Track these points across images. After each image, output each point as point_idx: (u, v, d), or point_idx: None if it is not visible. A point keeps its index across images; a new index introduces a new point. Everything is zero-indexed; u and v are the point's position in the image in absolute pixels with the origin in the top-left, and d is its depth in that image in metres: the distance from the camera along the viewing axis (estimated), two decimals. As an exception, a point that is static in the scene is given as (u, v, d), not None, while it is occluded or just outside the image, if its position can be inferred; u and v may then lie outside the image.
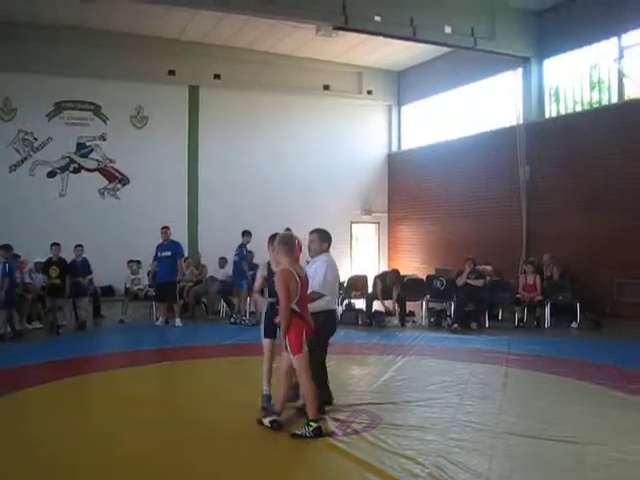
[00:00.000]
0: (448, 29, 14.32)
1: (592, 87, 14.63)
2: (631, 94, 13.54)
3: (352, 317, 12.59)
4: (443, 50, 17.36)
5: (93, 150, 17.20)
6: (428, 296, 13.15)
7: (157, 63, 17.16)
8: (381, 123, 20.78)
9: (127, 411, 6.40)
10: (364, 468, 4.78)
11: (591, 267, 13.32)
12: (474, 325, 11.99)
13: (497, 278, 13.71)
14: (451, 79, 18.12)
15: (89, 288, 12.98)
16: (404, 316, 12.63)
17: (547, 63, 15.61)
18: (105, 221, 16.61)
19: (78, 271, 12.67)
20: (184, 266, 13.41)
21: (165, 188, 17.42)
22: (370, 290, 13.40)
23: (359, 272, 15.39)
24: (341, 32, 14.27)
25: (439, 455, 5.01)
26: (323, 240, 6.30)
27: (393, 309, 12.78)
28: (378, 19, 13.57)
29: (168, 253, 12.44)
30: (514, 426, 5.79)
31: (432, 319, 12.68)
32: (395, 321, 12.64)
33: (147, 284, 13.34)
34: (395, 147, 20.76)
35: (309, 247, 6.36)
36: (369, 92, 20.05)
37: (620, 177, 13.13)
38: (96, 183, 17.19)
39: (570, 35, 14.56)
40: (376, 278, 13.21)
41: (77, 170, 17.06)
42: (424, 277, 14.34)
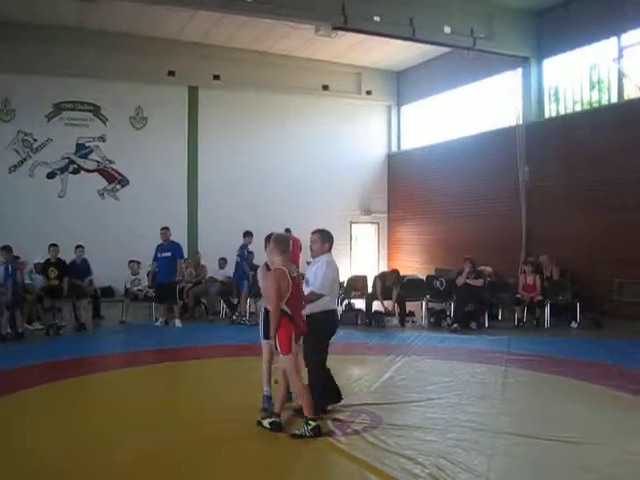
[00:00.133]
0: (447, 29, 14.31)
1: (592, 87, 14.62)
2: (631, 94, 13.54)
3: (352, 317, 12.60)
4: (442, 50, 17.32)
5: (92, 151, 17.18)
6: (428, 296, 13.16)
7: (156, 64, 17.14)
8: (380, 123, 20.77)
9: (127, 412, 6.40)
10: (364, 468, 4.79)
11: (591, 267, 13.31)
12: (474, 325, 12.00)
13: (496, 280, 13.71)
14: (450, 79, 18.10)
15: (89, 289, 12.96)
16: (404, 316, 12.64)
17: (547, 63, 15.59)
18: (105, 222, 16.58)
19: (78, 272, 12.67)
20: (184, 267, 13.43)
21: (165, 189, 17.41)
22: (370, 290, 13.41)
23: (359, 272, 15.39)
24: (340, 32, 14.26)
25: (439, 455, 5.02)
26: (325, 240, 6.30)
27: (393, 309, 12.79)
28: (377, 19, 13.57)
29: (168, 254, 12.46)
30: (514, 426, 5.80)
31: (432, 319, 12.69)
32: (395, 321, 12.66)
33: (147, 285, 13.34)
34: (395, 147, 20.75)
35: (311, 247, 6.35)
36: (368, 92, 20.02)
37: (620, 177, 13.11)
38: (96, 184, 17.18)
39: (569, 35, 14.55)
40: (376, 278, 13.21)
41: (77, 171, 17.05)
42: (424, 277, 14.31)
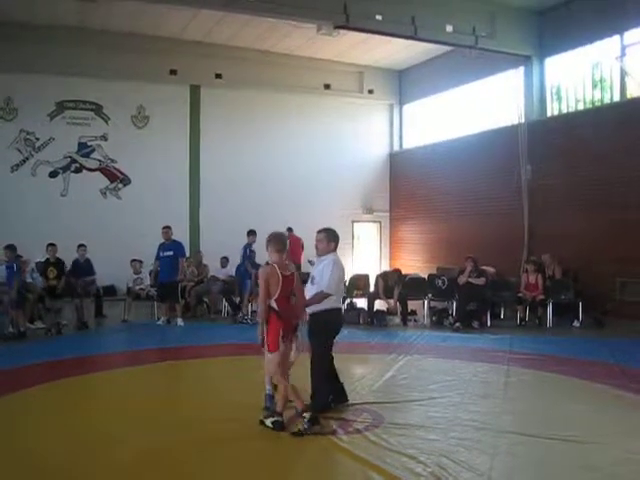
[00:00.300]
0: (449, 28, 14.31)
1: (594, 85, 14.59)
2: (633, 92, 13.51)
3: (354, 316, 12.58)
4: (444, 49, 17.32)
5: (95, 150, 17.20)
6: (430, 295, 13.15)
7: (158, 63, 17.14)
8: (382, 122, 20.76)
9: (128, 411, 6.40)
10: (366, 467, 4.79)
11: (593, 266, 13.28)
12: (476, 324, 11.99)
13: (498, 279, 13.70)
14: (452, 78, 18.09)
15: (92, 288, 12.95)
16: (406, 315, 12.63)
17: (549, 61, 15.57)
18: (107, 221, 16.60)
19: (81, 271, 12.64)
20: (185, 266, 13.42)
21: (167, 188, 17.42)
22: (372, 289, 13.40)
23: (361, 271, 15.37)
24: (342, 31, 14.27)
25: (441, 454, 5.02)
26: (331, 240, 6.32)
27: (395, 308, 12.79)
28: (379, 18, 13.57)
29: (170, 253, 12.45)
30: (516, 425, 5.80)
31: (434, 318, 12.68)
32: (397, 320, 12.66)
33: (149, 284, 13.34)
34: (397, 146, 20.75)
35: (316, 246, 6.38)
36: (370, 91, 20.02)
37: (622, 175, 13.08)
38: (98, 183, 17.20)
39: (572, 33, 14.53)
40: (378, 277, 13.20)
41: (79, 170, 17.07)
42: (426, 276, 14.31)
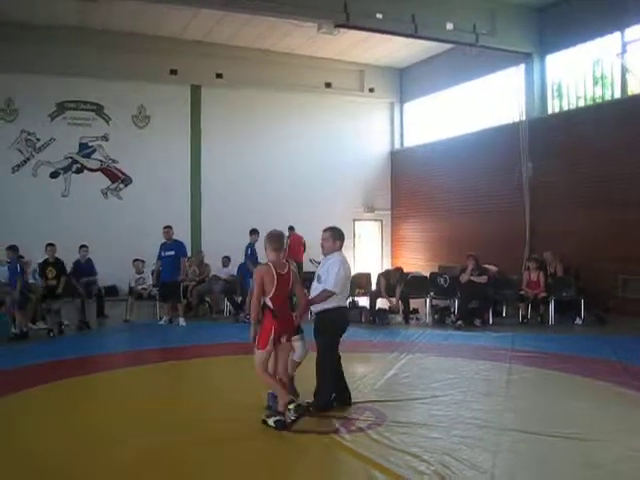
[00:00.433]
0: (450, 26, 14.29)
1: (595, 82, 14.57)
2: (634, 89, 13.49)
3: (355, 315, 12.53)
4: (445, 47, 17.32)
5: (96, 150, 17.22)
6: (432, 293, 13.13)
7: (159, 62, 17.16)
8: (383, 120, 20.76)
9: (129, 411, 6.39)
10: (369, 465, 4.78)
11: (595, 263, 13.27)
12: (478, 322, 11.98)
13: (499, 276, 13.67)
14: (453, 76, 18.08)
15: (93, 289, 12.95)
16: (408, 313, 12.63)
17: (549, 59, 15.56)
18: (108, 221, 16.63)
19: (83, 272, 12.61)
20: (187, 265, 13.41)
21: (168, 187, 17.44)
22: (373, 288, 13.39)
23: (362, 270, 15.37)
24: (343, 30, 14.27)
25: (444, 452, 5.01)
26: (337, 238, 6.35)
27: (397, 306, 12.78)
28: (380, 16, 13.56)
29: (171, 252, 12.44)
30: (518, 423, 5.79)
31: (436, 316, 12.68)
32: (399, 318, 12.65)
33: (151, 284, 13.34)
34: (398, 144, 20.74)
35: (322, 245, 6.40)
36: (371, 90, 20.02)
37: (624, 172, 13.07)
38: (99, 183, 17.21)
39: (572, 30, 14.51)
40: (380, 276, 13.20)
41: (80, 170, 17.09)
42: (427, 274, 14.31)
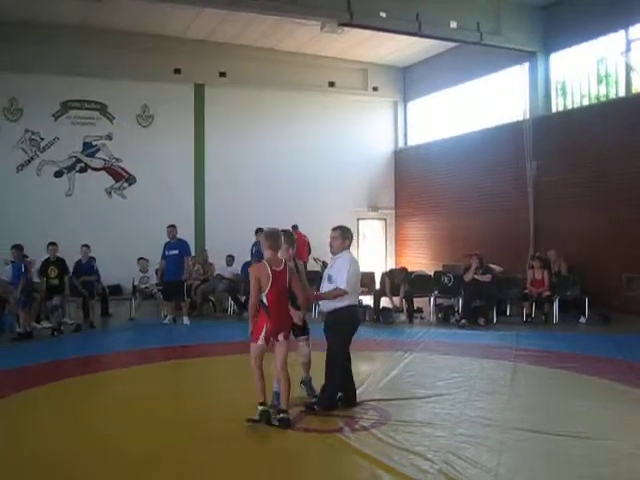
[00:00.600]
0: (454, 24, 14.26)
1: (599, 81, 14.53)
2: (639, 87, 13.45)
3: (360, 313, 12.52)
4: (449, 45, 17.29)
5: (100, 149, 17.22)
6: (436, 292, 13.14)
7: (162, 62, 17.15)
8: (387, 119, 20.74)
9: (132, 411, 6.39)
10: (373, 464, 4.79)
11: (599, 262, 13.25)
12: (482, 321, 11.96)
13: (504, 275, 13.67)
14: (457, 74, 18.05)
15: (96, 288, 12.94)
16: (412, 312, 12.62)
17: (554, 57, 15.51)
18: (112, 220, 16.62)
19: (82, 272, 12.47)
20: (191, 264, 13.41)
21: (172, 186, 17.44)
22: (377, 286, 13.38)
23: (366, 268, 15.33)
24: (346, 28, 14.28)
25: (448, 451, 5.01)
26: (346, 237, 6.40)
27: (401, 305, 12.77)
28: (383, 15, 13.54)
29: (175, 252, 12.45)
30: (523, 421, 5.78)
31: (440, 315, 12.68)
32: (403, 317, 12.65)
33: (154, 283, 13.33)
34: (401, 143, 20.72)
35: (331, 244, 6.43)
36: (375, 88, 19.98)
37: (628, 171, 13.03)
38: (103, 182, 17.23)
39: (576, 29, 14.47)
40: (384, 275, 13.20)
41: (84, 169, 17.10)
42: (431, 273, 14.30)
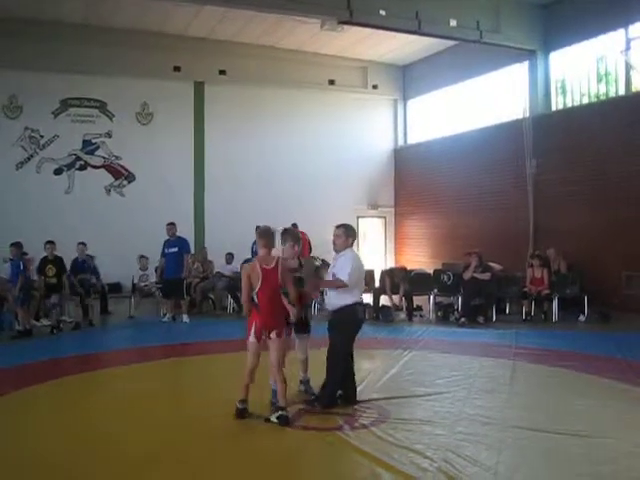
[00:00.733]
0: (453, 22, 14.25)
1: (599, 79, 14.52)
2: (638, 86, 13.44)
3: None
4: (448, 44, 17.28)
5: (99, 147, 17.20)
6: (435, 290, 13.15)
7: (162, 59, 17.11)
8: (387, 117, 20.72)
9: (131, 409, 6.38)
10: (373, 462, 4.79)
11: (599, 260, 13.25)
12: (481, 319, 11.97)
13: (503, 273, 13.67)
14: (457, 73, 18.03)
15: (96, 286, 12.93)
16: (411, 310, 12.62)
17: (553, 56, 15.50)
18: (111, 218, 16.60)
19: (79, 270, 12.36)
20: (191, 262, 13.40)
21: (171, 184, 17.41)
22: (377, 285, 13.39)
23: (366, 267, 15.27)
24: (346, 26, 14.26)
25: (447, 449, 5.02)
26: (349, 235, 6.43)
27: (400, 304, 12.78)
28: (383, 13, 13.52)
29: (175, 249, 12.45)
30: (522, 420, 5.79)
31: (439, 313, 12.69)
32: (402, 315, 12.65)
33: (153, 281, 13.31)
34: (401, 141, 20.70)
35: (334, 242, 6.45)
36: (374, 86, 19.96)
37: (627, 169, 13.02)
38: (102, 180, 17.20)
39: (576, 27, 14.46)
40: (384, 274, 13.19)
41: (83, 167, 17.07)
42: (431, 271, 14.30)
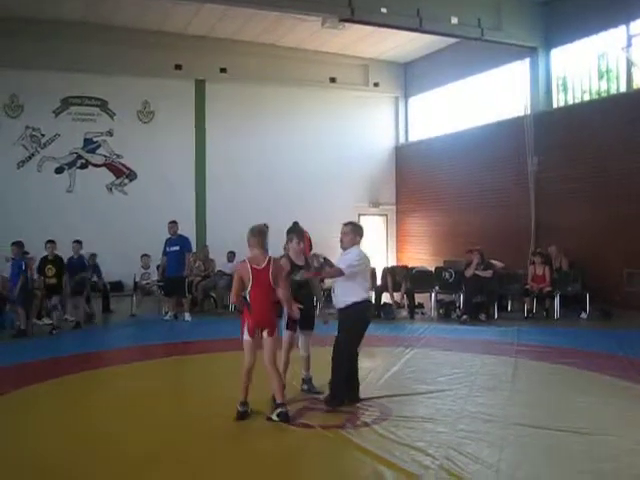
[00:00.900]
0: (454, 20, 14.24)
1: (600, 76, 14.51)
2: (639, 83, 13.43)
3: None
4: (450, 41, 17.24)
5: (100, 145, 17.20)
6: (437, 288, 13.15)
7: (163, 58, 17.10)
8: (388, 115, 20.70)
9: (132, 408, 6.38)
10: (375, 460, 4.79)
11: (600, 257, 13.24)
12: (483, 316, 11.98)
13: (505, 271, 13.67)
14: (458, 70, 18.00)
15: (98, 284, 12.95)
16: (413, 308, 12.63)
17: (555, 53, 15.48)
18: (113, 216, 16.61)
19: (74, 268, 12.12)
20: (192, 260, 13.41)
21: (173, 182, 17.42)
22: (379, 282, 13.39)
23: (367, 264, 15.33)
24: (347, 24, 14.22)
25: (449, 446, 5.02)
26: (357, 233, 6.47)
27: (402, 301, 12.79)
28: (384, 11, 13.52)
29: (176, 248, 12.46)
30: (524, 417, 5.79)
31: (441, 311, 12.69)
32: (404, 313, 12.66)
33: (154, 279, 13.32)
34: (402, 139, 20.69)
35: (341, 239, 6.46)
36: (376, 84, 19.94)
37: (629, 166, 13.01)
38: (103, 178, 17.21)
39: (577, 24, 14.44)
40: (386, 272, 13.19)
41: (84, 166, 17.08)
42: (433, 269, 14.31)
